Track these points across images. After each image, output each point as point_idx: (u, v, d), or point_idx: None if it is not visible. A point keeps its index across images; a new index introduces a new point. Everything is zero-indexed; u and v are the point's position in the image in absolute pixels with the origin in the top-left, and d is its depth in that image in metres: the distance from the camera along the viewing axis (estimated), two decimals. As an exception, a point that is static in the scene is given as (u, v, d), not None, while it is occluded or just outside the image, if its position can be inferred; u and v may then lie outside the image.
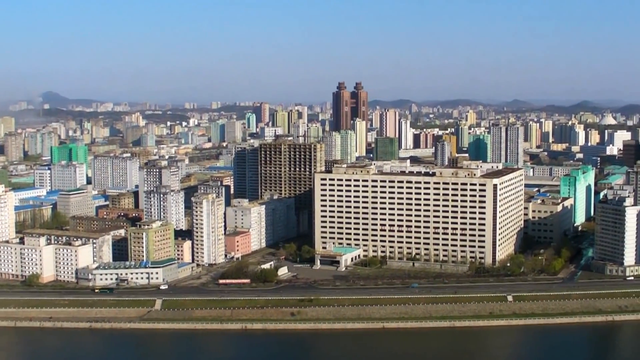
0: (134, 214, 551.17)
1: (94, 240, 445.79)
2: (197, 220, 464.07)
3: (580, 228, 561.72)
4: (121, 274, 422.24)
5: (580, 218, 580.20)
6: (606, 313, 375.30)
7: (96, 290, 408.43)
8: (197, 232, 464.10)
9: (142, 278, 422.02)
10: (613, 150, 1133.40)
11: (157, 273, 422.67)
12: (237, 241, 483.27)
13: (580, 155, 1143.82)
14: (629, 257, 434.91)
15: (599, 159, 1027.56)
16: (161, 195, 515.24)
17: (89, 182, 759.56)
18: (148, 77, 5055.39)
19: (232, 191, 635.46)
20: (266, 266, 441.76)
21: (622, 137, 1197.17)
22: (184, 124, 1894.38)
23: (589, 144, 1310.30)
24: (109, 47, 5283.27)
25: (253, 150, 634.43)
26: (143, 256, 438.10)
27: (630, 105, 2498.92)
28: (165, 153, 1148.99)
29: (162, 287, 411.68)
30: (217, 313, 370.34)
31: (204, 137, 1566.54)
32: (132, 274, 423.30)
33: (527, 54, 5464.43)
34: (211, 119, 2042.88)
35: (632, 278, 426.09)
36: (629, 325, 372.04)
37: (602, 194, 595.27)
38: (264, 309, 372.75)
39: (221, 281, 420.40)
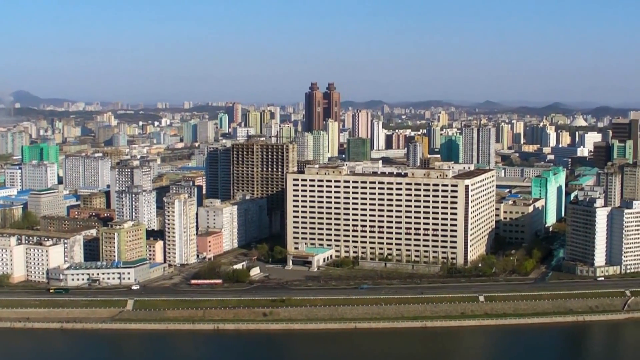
0: (105, 214, 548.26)
1: (65, 241, 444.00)
2: (169, 220, 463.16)
3: (551, 229, 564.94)
4: (93, 274, 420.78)
5: (551, 219, 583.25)
6: (577, 313, 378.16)
7: (51, 291, 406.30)
8: (169, 232, 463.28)
9: (113, 278, 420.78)
10: (584, 151, 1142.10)
11: (128, 273, 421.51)
12: (209, 241, 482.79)
13: (551, 157, 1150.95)
14: (600, 258, 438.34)
15: (570, 160, 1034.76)
16: (133, 195, 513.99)
17: (60, 181, 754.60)
18: (120, 76, 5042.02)
19: (204, 191, 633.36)
20: (238, 266, 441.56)
21: (592, 138, 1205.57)
22: (156, 123, 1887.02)
23: (560, 146, 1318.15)
24: (80, 46, 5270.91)
25: (225, 150, 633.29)
26: (115, 256, 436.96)
27: (601, 107, 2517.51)
28: (137, 153, 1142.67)
29: (134, 287, 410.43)
30: (189, 313, 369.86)
31: (176, 137, 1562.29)
32: (103, 274, 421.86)
33: (499, 55, 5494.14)
34: (183, 118, 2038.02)
35: (602, 278, 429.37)
36: (599, 325, 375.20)
37: (573, 195, 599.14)
38: (236, 309, 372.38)
39: (193, 281, 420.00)
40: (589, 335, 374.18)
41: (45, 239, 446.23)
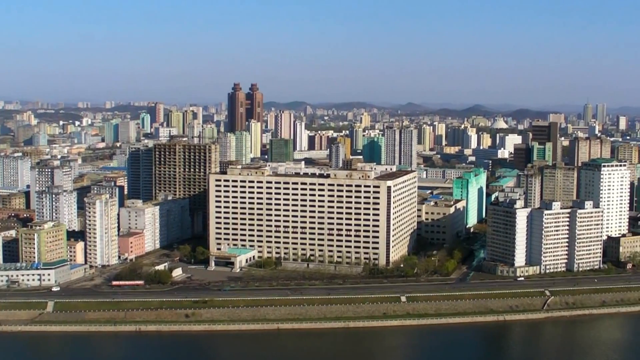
0: (25, 215, 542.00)
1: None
2: (90, 221, 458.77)
3: (472, 229, 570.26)
4: (12, 276, 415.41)
5: (472, 220, 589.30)
6: (497, 313, 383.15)
7: None
8: (90, 233, 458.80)
9: (33, 280, 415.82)
10: (504, 153, 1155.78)
11: (49, 275, 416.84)
12: (131, 242, 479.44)
13: (472, 158, 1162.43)
14: (520, 258, 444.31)
15: (490, 162, 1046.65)
16: (53, 196, 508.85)
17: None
18: (40, 75, 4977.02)
19: (125, 192, 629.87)
20: (160, 267, 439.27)
21: (513, 140, 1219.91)
22: (77, 123, 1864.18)
23: (481, 147, 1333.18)
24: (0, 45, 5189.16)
25: (147, 150, 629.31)
26: (34, 257, 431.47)
27: (521, 110, 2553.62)
28: (57, 153, 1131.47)
29: (54, 289, 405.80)
30: (110, 315, 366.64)
31: (98, 136, 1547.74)
32: (23, 275, 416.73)
33: (422, 58, 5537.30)
34: (105, 118, 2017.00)
35: (522, 278, 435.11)
36: (519, 324, 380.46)
37: (493, 196, 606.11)
38: (158, 310, 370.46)
39: (114, 283, 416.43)
40: (509, 335, 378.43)
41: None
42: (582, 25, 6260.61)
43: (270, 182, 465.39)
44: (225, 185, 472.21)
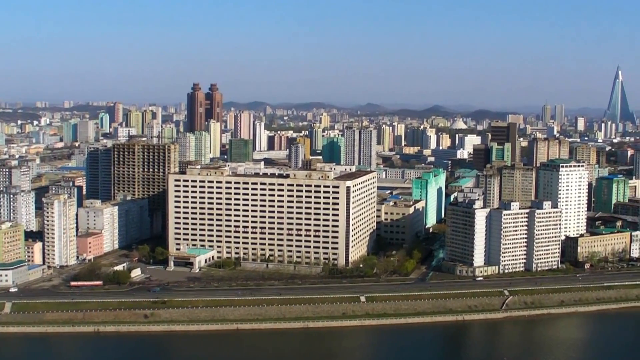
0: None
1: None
2: (48, 221, 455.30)
3: (431, 230, 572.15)
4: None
5: (431, 220, 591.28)
6: (456, 313, 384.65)
7: None
8: (48, 234, 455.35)
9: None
10: (463, 154, 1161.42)
11: (6, 275, 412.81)
12: (90, 242, 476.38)
13: (431, 159, 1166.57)
14: (478, 258, 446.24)
15: (450, 162, 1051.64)
16: (11, 196, 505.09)
17: None
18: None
19: (84, 192, 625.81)
20: (119, 268, 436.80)
21: (472, 141, 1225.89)
22: (35, 123, 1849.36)
23: (441, 148, 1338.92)
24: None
25: (106, 150, 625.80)
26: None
27: (480, 111, 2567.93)
28: (15, 152, 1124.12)
29: (12, 289, 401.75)
30: (68, 316, 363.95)
31: (56, 136, 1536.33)
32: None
33: (381, 58, 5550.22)
34: (63, 118, 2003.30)
35: (481, 278, 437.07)
36: (478, 324, 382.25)
37: (452, 197, 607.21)
38: (117, 311, 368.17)
39: (73, 283, 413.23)
40: (468, 334, 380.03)
41: None
42: (541, 27, 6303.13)
43: (230, 182, 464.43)
44: (184, 186, 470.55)
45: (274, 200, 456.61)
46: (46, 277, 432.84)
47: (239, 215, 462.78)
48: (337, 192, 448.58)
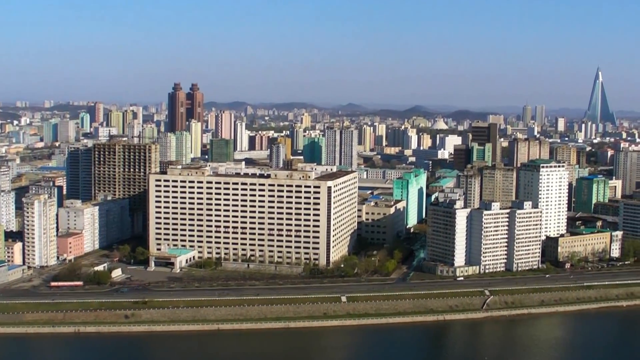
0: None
1: None
2: (28, 221, 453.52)
3: (412, 230, 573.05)
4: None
5: (412, 220, 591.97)
6: (437, 312, 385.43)
7: None
8: (28, 234, 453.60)
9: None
10: (444, 154, 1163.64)
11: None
12: (70, 243, 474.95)
13: (412, 159, 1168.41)
14: (459, 258, 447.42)
15: (430, 162, 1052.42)
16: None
17: None
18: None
19: (64, 192, 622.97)
20: (100, 268, 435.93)
21: (453, 141, 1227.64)
22: (16, 122, 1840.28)
23: (421, 148, 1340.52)
24: None
25: (86, 150, 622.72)
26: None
27: (461, 111, 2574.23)
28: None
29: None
30: (49, 316, 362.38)
31: (36, 136, 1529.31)
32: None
33: (362, 58, 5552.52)
34: (44, 118, 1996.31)
35: (461, 278, 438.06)
36: (459, 324, 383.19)
37: (433, 197, 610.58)
38: (98, 311, 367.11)
39: (53, 284, 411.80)
40: (449, 334, 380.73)
41: None
42: (521, 28, 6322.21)
43: (211, 183, 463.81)
44: (165, 186, 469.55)
45: (255, 201, 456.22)
46: (26, 278, 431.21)
47: (220, 216, 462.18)
48: (318, 192, 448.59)
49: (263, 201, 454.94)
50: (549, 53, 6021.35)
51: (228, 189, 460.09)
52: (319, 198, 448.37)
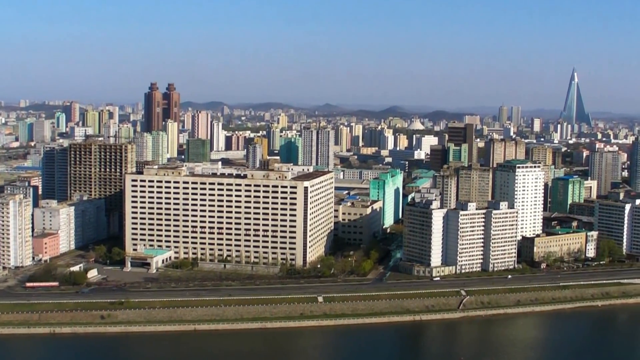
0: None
1: None
2: (3, 221, 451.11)
3: (389, 230, 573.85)
4: None
5: (389, 220, 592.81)
6: (414, 313, 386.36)
7: None
8: (3, 234, 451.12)
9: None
10: (421, 154, 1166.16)
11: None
12: (46, 243, 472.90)
13: (389, 159, 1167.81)
14: (435, 258, 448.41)
15: (407, 163, 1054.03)
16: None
17: None
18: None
19: (40, 192, 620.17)
20: (75, 268, 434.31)
21: (429, 142, 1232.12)
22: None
23: (398, 149, 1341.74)
24: None
25: (62, 150, 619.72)
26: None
27: (438, 112, 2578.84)
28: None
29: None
30: (24, 317, 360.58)
31: (12, 136, 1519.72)
32: None
33: (338, 59, 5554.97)
34: (19, 117, 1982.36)
35: (438, 278, 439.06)
36: (435, 324, 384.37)
37: (410, 197, 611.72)
38: (73, 312, 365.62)
39: (28, 284, 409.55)
40: (426, 334, 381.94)
41: None
42: (497, 29, 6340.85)
43: (187, 183, 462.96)
44: (141, 186, 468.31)
45: (231, 201, 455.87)
46: (1, 278, 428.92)
47: (196, 216, 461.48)
48: (295, 193, 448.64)
49: (240, 201, 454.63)
50: (524, 54, 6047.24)
51: (204, 189, 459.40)
52: (295, 198, 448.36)
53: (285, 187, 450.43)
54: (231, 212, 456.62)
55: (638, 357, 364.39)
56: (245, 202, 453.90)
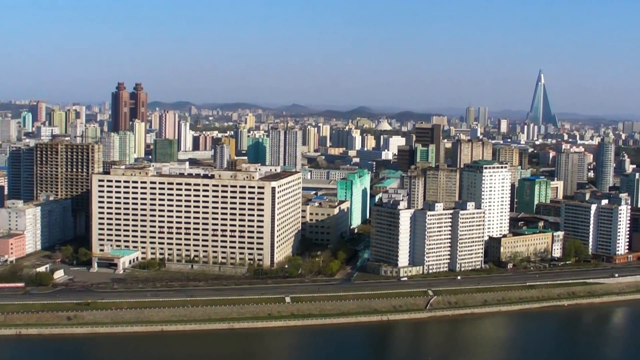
0: None
1: None
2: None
3: (356, 230, 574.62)
4: None
5: (356, 220, 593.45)
6: (381, 313, 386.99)
7: None
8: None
9: None
10: (388, 155, 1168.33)
11: None
12: (11, 244, 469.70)
13: (356, 160, 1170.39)
14: (403, 259, 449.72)
15: (374, 163, 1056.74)
16: None
17: None
18: None
19: (5, 192, 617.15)
20: (42, 269, 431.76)
21: (396, 142, 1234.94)
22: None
23: (366, 149, 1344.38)
24: None
25: (28, 150, 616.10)
26: None
27: (405, 112, 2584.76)
28: None
29: None
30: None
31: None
32: None
33: (306, 59, 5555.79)
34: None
35: (405, 279, 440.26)
36: (403, 324, 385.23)
37: (377, 197, 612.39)
38: (40, 313, 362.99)
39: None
40: (394, 334, 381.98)
41: None
42: (464, 29, 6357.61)
43: (154, 183, 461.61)
44: (108, 186, 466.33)
45: (198, 201, 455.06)
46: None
47: (163, 216, 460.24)
48: (262, 193, 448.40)
49: (207, 202, 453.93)
50: (491, 55, 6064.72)
51: (172, 189, 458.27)
52: (263, 198, 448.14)
53: (253, 187, 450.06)
54: (198, 212, 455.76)
55: (603, 356, 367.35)
56: (213, 202, 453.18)
